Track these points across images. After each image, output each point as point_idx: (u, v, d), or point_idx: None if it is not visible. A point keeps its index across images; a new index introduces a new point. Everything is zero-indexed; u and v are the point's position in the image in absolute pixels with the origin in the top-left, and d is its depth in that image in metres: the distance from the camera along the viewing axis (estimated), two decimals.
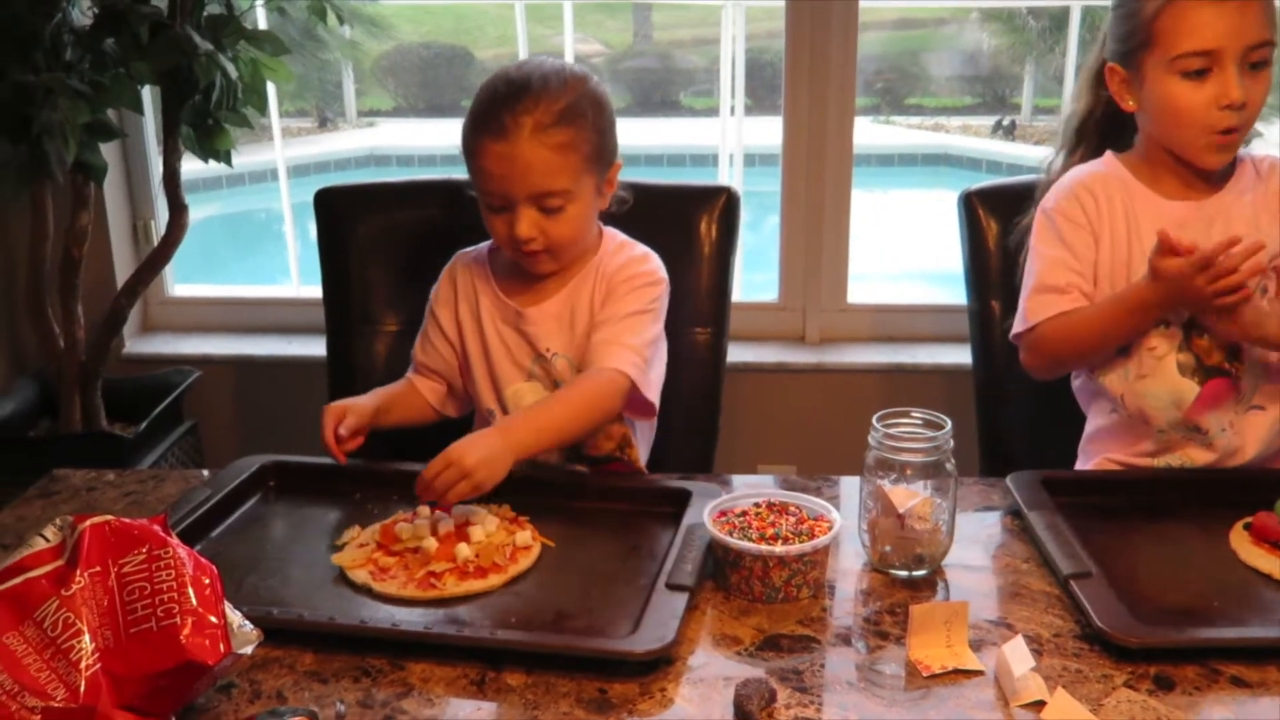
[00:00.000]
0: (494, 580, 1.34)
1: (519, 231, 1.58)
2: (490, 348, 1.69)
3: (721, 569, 1.34)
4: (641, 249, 1.72)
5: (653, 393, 1.63)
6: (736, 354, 2.55)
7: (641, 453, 1.76)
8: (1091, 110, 1.73)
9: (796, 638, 1.25)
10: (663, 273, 1.70)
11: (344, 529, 1.47)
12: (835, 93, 2.52)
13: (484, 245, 1.75)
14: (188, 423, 2.62)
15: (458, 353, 1.73)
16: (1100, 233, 1.66)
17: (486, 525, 1.43)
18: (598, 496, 1.53)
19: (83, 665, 1.03)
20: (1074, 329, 1.64)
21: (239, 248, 5.16)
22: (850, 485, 1.56)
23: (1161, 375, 1.63)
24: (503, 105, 1.56)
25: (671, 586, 1.28)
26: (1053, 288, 1.66)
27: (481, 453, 1.42)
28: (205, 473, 1.65)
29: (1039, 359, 1.68)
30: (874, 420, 1.37)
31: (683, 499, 1.49)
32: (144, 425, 2.40)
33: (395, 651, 1.23)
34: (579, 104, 1.58)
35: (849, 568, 1.39)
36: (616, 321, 1.63)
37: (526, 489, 1.53)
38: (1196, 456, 1.65)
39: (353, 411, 1.61)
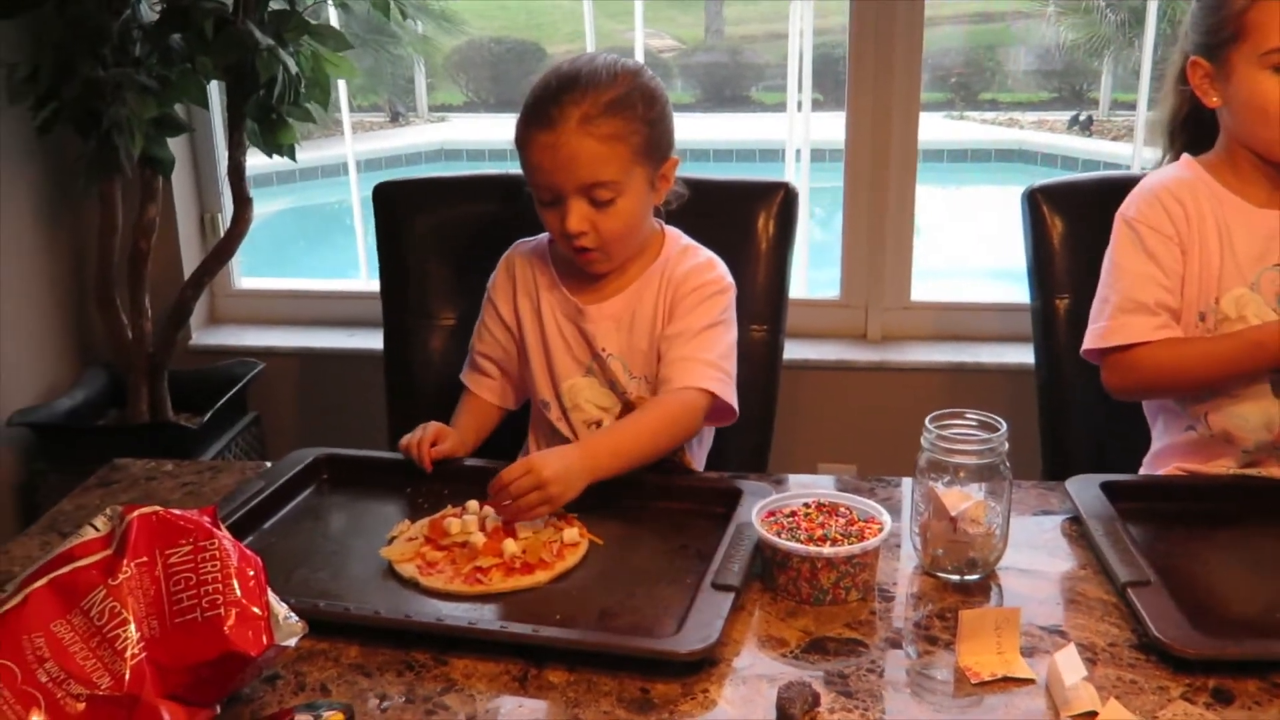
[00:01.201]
0: (540, 577, 1.34)
1: (569, 225, 1.57)
2: (549, 340, 1.69)
3: (769, 569, 1.33)
4: (706, 254, 1.70)
5: (735, 398, 1.62)
6: (797, 351, 2.56)
7: (699, 455, 1.77)
8: (1179, 109, 1.67)
9: (843, 641, 1.24)
10: (729, 278, 1.68)
11: (394, 523, 1.48)
12: (900, 88, 2.49)
13: (544, 236, 1.74)
14: (251, 414, 2.65)
15: (516, 341, 1.73)
16: (1189, 245, 1.59)
17: (534, 522, 1.43)
18: (649, 495, 1.53)
19: (128, 654, 1.04)
20: (1182, 361, 1.57)
21: (310, 241, 5.23)
22: (910, 487, 1.53)
23: (1255, 397, 1.57)
24: (552, 98, 1.55)
25: (717, 586, 1.27)
26: (1141, 306, 1.59)
27: (559, 467, 1.42)
28: (265, 464, 1.69)
29: (1127, 382, 1.62)
30: (926, 422, 1.35)
31: (734, 498, 1.48)
32: (208, 416, 2.43)
33: (440, 646, 1.23)
34: (629, 96, 1.57)
35: (900, 570, 1.38)
36: (691, 337, 1.62)
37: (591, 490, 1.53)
38: (1279, 473, 1.59)
39: (450, 440, 1.63)
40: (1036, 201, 1.87)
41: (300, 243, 5.13)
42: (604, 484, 1.55)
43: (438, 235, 1.94)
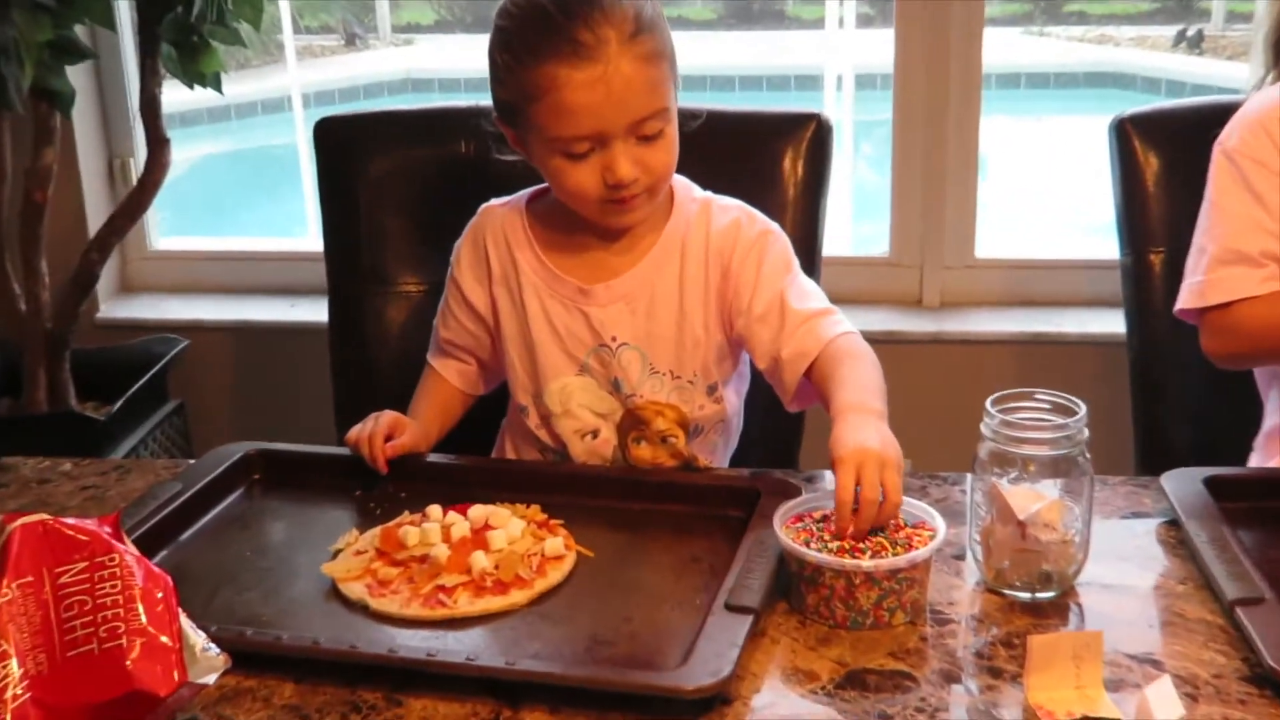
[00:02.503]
0: (516, 598, 1.33)
1: (623, 174, 1.55)
2: (534, 333, 1.68)
3: (796, 587, 1.32)
4: (731, 203, 1.70)
5: None
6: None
7: (722, 459, 1.77)
8: None
9: (887, 674, 1.23)
10: (773, 221, 1.68)
11: (340, 533, 1.47)
12: None
13: (519, 197, 1.74)
14: (173, 403, 2.65)
15: (490, 331, 1.74)
16: None
17: (510, 529, 1.43)
18: (649, 496, 1.53)
19: (8, 695, 1.03)
20: None
21: (247, 192, 5.22)
22: (970, 485, 1.52)
23: None
24: (577, 23, 1.51)
25: (732, 608, 1.26)
26: (1243, 256, 1.59)
27: (872, 433, 1.38)
28: (184, 463, 1.68)
29: (1229, 347, 1.63)
30: (988, 405, 1.34)
31: (753, 500, 1.47)
32: (119, 405, 2.43)
33: (393, 683, 1.22)
34: (643, 1, 1.56)
35: (957, 587, 1.37)
36: (790, 293, 1.62)
37: (561, 486, 1.53)
38: None
39: (408, 432, 1.63)
40: (1127, 134, 1.85)
41: (234, 195, 5.11)
42: (594, 481, 1.57)
43: (397, 182, 1.93)
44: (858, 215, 3.11)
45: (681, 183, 1.70)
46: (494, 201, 1.75)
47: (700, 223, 1.66)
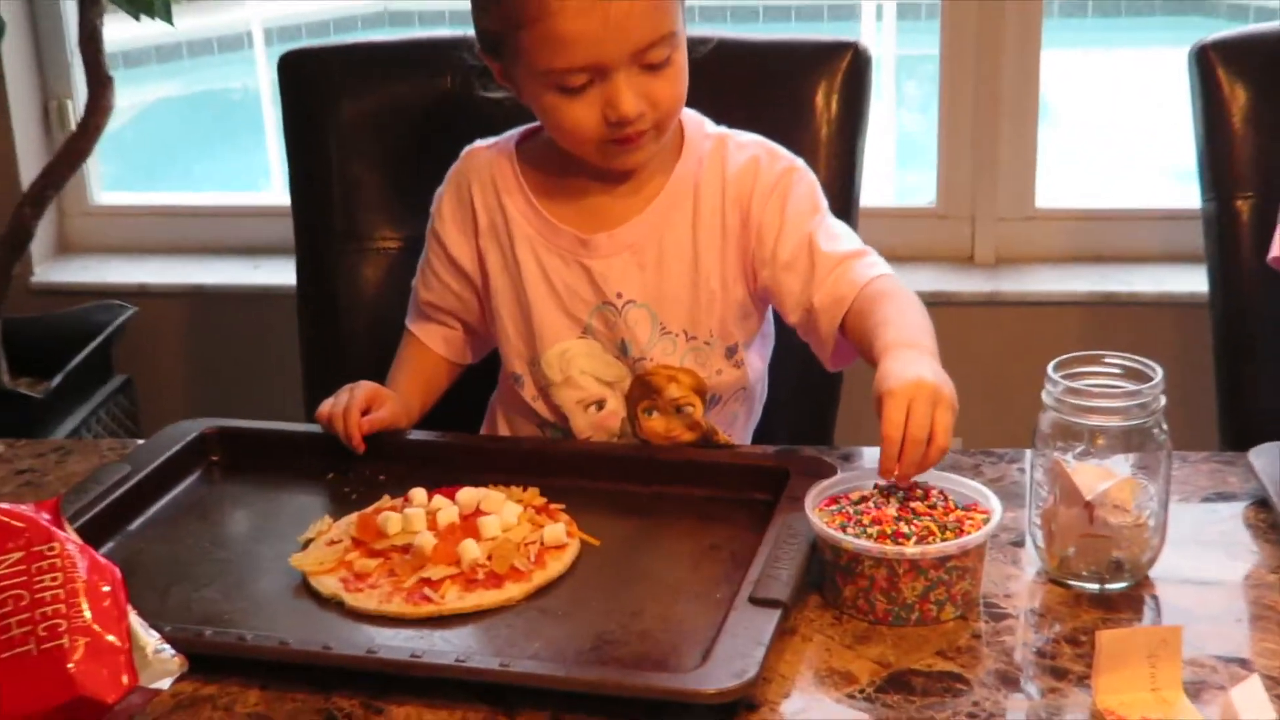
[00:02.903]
0: (512, 592, 1.34)
1: (626, 109, 1.54)
2: (529, 291, 1.68)
3: (831, 578, 1.33)
4: (743, 137, 1.69)
5: None
6: None
7: (743, 433, 1.78)
8: None
9: (935, 676, 1.23)
10: (797, 157, 1.68)
11: (311, 520, 1.48)
12: None
13: (508, 137, 1.74)
14: (119, 378, 2.65)
15: (478, 292, 1.75)
16: None
17: (504, 515, 1.43)
18: (664, 476, 1.53)
19: None
20: None
21: (203, 140, 5.21)
22: (1029, 462, 1.52)
23: None
24: None
25: (758, 601, 1.26)
26: None
27: (926, 370, 1.38)
28: (133, 443, 1.68)
29: None
30: (1050, 370, 1.34)
31: (781, 480, 1.47)
32: (59, 380, 2.43)
33: (372, 688, 1.22)
34: None
35: (1015, 577, 1.37)
36: (819, 236, 1.62)
37: (562, 466, 1.54)
38: None
39: (387, 405, 1.64)
40: (1210, 63, 1.85)
41: (187, 143, 5.11)
42: (600, 460, 1.58)
43: (372, 123, 1.93)
44: (901, 162, 3.10)
45: (693, 117, 1.69)
46: (479, 143, 1.75)
47: (715, 162, 1.66)
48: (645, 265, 1.65)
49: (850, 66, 1.84)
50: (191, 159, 4.97)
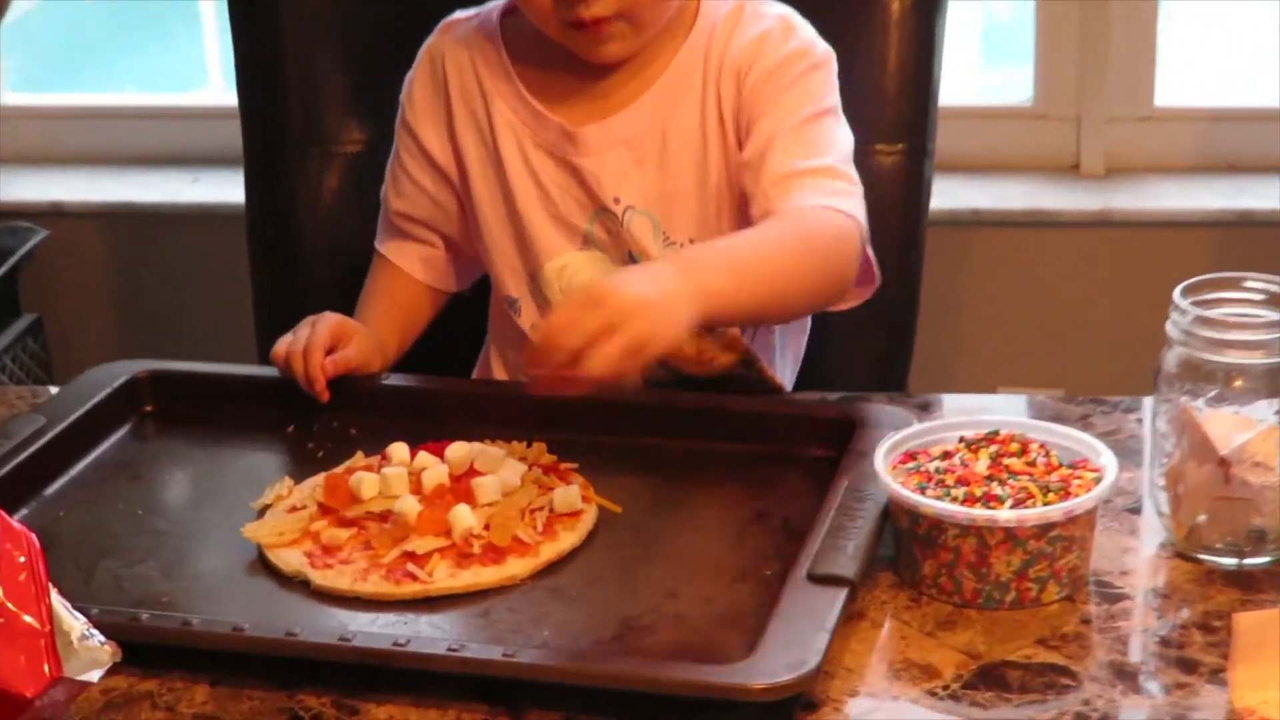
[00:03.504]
0: (515, 568, 1.34)
1: None
2: (517, 193, 1.70)
3: (908, 551, 1.33)
4: (767, 7, 1.70)
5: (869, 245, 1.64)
6: (958, 194, 2.58)
7: (785, 371, 1.79)
8: None
9: (1035, 669, 1.22)
10: (822, 43, 1.68)
11: (267, 484, 1.49)
12: None
13: (491, 7, 1.75)
14: (28, 317, 2.65)
15: (457, 193, 1.76)
16: None
17: (504, 476, 1.43)
18: (701, 428, 1.53)
19: None
20: None
21: (127, 33, 5.20)
22: (1149, 410, 1.52)
23: None
24: None
25: (819, 579, 1.26)
26: None
27: (646, 289, 1.41)
28: (47, 390, 1.70)
29: None
30: (1177, 296, 1.33)
31: (845, 432, 1.47)
32: None
33: (345, 684, 1.22)
34: None
35: (1134, 549, 1.37)
36: (791, 140, 1.62)
37: (573, 417, 1.53)
38: None
39: (356, 342, 1.65)
40: None
41: (108, 36, 5.09)
42: (623, 410, 1.56)
43: (334, 6, 1.94)
44: (989, 56, 3.08)
45: None
46: (458, 14, 1.76)
47: (724, 35, 1.66)
48: (644, 162, 1.67)
49: None
50: (114, 53, 4.96)
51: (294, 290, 1.94)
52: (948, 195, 2.50)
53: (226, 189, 2.65)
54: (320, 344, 1.60)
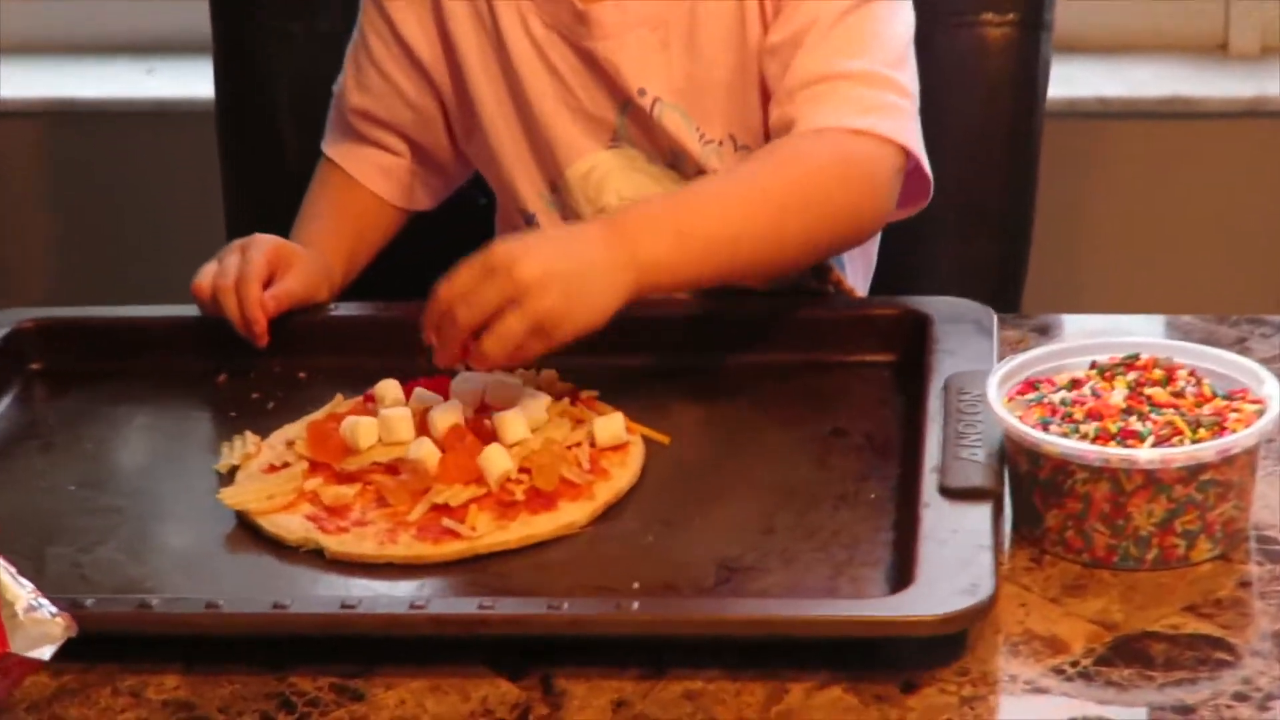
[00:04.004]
0: (573, 514, 1.36)
1: None
2: (527, 84, 1.70)
3: (1026, 500, 1.31)
4: None
5: (926, 161, 1.63)
6: (1081, 79, 2.60)
7: (858, 281, 1.80)
8: None
9: (1184, 641, 1.21)
10: None
11: (220, 440, 1.51)
12: None
13: None
14: None
15: (437, 90, 1.75)
16: None
17: (527, 408, 1.44)
18: (736, 340, 1.57)
19: None
20: None
21: None
22: None
23: None
24: None
25: (955, 493, 1.29)
26: None
27: (557, 259, 1.41)
28: None
29: None
30: None
31: (914, 334, 1.51)
32: None
33: (349, 661, 1.24)
34: None
35: None
36: (824, 37, 1.62)
37: (589, 338, 1.47)
38: None
39: (301, 271, 1.65)
40: None
41: None
42: (650, 328, 1.58)
43: None
44: None
45: None
46: None
47: None
48: (670, 46, 1.67)
49: None
50: None
51: (274, 198, 1.92)
52: (1069, 80, 2.51)
53: (189, 80, 2.68)
54: (256, 274, 1.59)
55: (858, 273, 1.77)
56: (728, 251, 1.50)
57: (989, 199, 1.74)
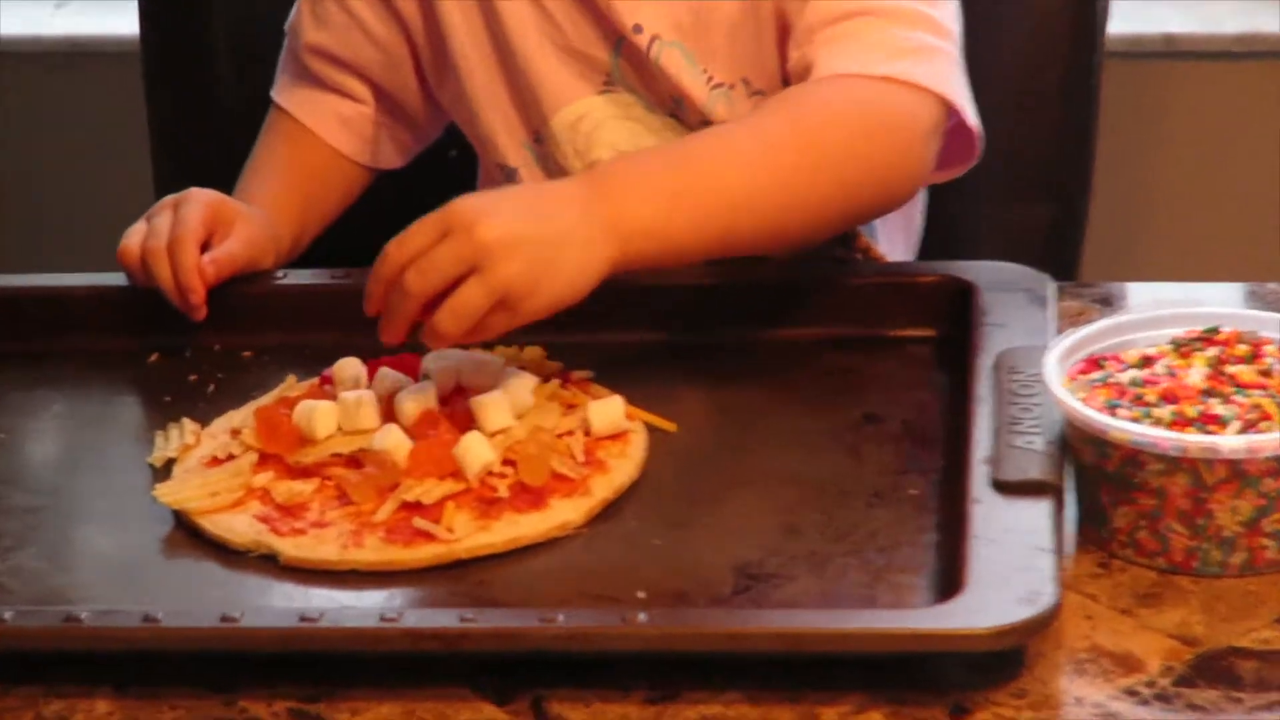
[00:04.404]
0: (567, 512, 1.36)
1: None
2: (506, 18, 1.72)
3: (1092, 496, 1.32)
4: None
5: (973, 113, 1.62)
6: (1145, 14, 2.63)
7: (894, 249, 1.81)
8: None
9: (1276, 658, 1.22)
10: None
11: (152, 431, 1.52)
12: None
13: None
14: None
15: (406, 27, 1.78)
16: None
17: (511, 389, 1.45)
18: (751, 313, 1.59)
19: None
20: None
21: None
22: None
23: None
24: None
25: (1010, 487, 1.29)
26: None
27: (526, 221, 1.41)
28: None
29: None
30: None
31: (957, 304, 1.51)
32: None
33: (309, 681, 1.24)
34: None
35: None
36: None
37: (581, 310, 1.48)
38: None
39: (243, 231, 1.66)
40: None
41: None
42: (650, 298, 1.60)
43: None
44: None
45: None
46: None
47: None
48: None
49: None
50: None
51: (209, 152, 1.96)
52: (1132, 15, 2.50)
53: (106, 16, 2.68)
54: (191, 235, 1.59)
55: (894, 240, 1.77)
56: (727, 219, 1.50)
57: (1041, 152, 1.75)
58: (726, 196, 1.50)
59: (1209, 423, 1.28)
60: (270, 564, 1.35)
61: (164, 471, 1.46)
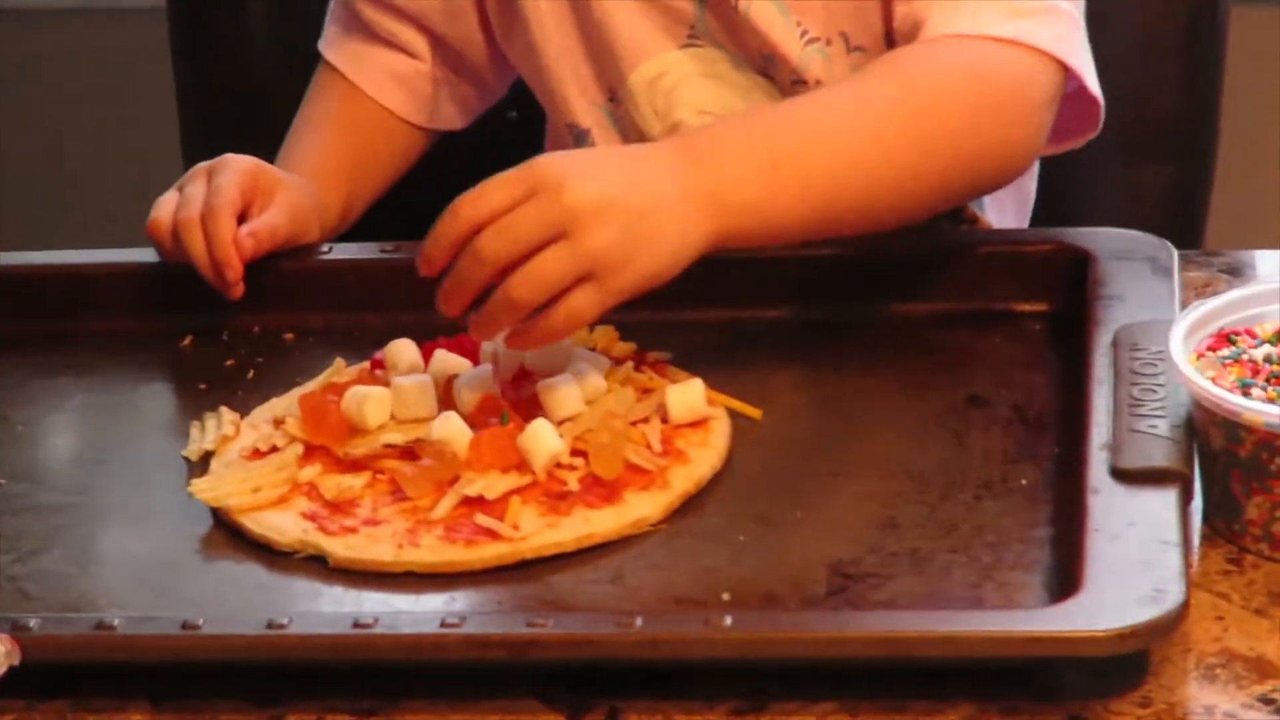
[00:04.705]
0: (642, 508, 1.37)
1: None
2: None
3: (1222, 485, 1.32)
4: None
5: (1094, 80, 1.63)
6: None
7: (1004, 216, 1.85)
8: None
9: None
10: None
11: (187, 421, 1.54)
12: None
13: None
14: None
15: None
16: None
17: (582, 374, 1.46)
18: (873, 288, 1.61)
19: None
20: None
21: None
22: None
23: None
24: None
25: (1131, 475, 1.29)
26: None
27: (620, 186, 1.41)
28: None
29: None
30: None
31: (1072, 274, 1.53)
32: None
33: (362, 693, 1.25)
34: None
35: None
36: None
37: (677, 278, 1.49)
38: None
39: (284, 201, 1.68)
40: None
41: None
42: (733, 272, 1.59)
43: None
44: None
45: None
46: None
47: None
48: None
49: None
50: None
51: (243, 114, 2.01)
52: None
53: None
54: (228, 205, 1.61)
55: (1005, 208, 1.79)
56: (830, 198, 1.51)
57: (1162, 106, 1.75)
58: (831, 174, 1.51)
59: None
60: (319, 566, 1.36)
61: (200, 466, 1.47)
